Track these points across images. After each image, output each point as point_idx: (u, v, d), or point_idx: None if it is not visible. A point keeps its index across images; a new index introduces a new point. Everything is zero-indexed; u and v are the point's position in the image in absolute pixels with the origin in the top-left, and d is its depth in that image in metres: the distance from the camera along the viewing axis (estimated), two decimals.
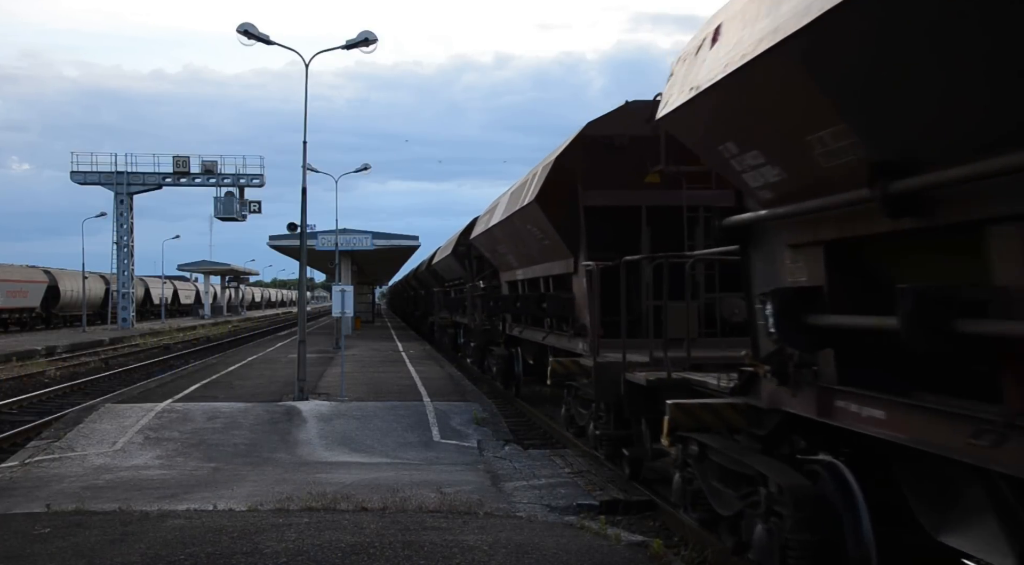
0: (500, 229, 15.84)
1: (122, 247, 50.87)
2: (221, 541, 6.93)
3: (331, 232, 35.21)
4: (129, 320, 51.32)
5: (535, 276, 14.94)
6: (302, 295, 20.46)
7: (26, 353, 31.31)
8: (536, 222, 12.94)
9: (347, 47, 17.45)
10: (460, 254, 23.94)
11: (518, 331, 16.99)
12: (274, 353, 29.18)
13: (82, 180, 50.23)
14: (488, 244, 18.31)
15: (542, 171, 12.65)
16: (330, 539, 6.96)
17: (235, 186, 51.48)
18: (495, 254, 18.24)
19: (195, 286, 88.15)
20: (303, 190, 17.73)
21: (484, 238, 18.29)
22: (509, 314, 17.77)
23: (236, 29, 16.45)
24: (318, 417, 14.16)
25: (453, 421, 13.99)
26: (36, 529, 7.35)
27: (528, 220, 13.33)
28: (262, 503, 8.36)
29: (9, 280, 45.97)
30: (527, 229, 13.69)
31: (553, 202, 12.08)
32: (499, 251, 17.51)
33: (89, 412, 14.60)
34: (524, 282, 16.13)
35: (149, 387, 19.01)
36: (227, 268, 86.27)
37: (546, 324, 14.26)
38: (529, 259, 14.95)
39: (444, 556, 6.53)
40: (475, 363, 23.73)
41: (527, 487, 9.58)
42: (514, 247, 15.74)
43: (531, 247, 14.30)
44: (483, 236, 18.31)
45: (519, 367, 18.30)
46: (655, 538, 7.40)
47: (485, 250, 19.20)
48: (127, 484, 9.60)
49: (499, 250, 17.45)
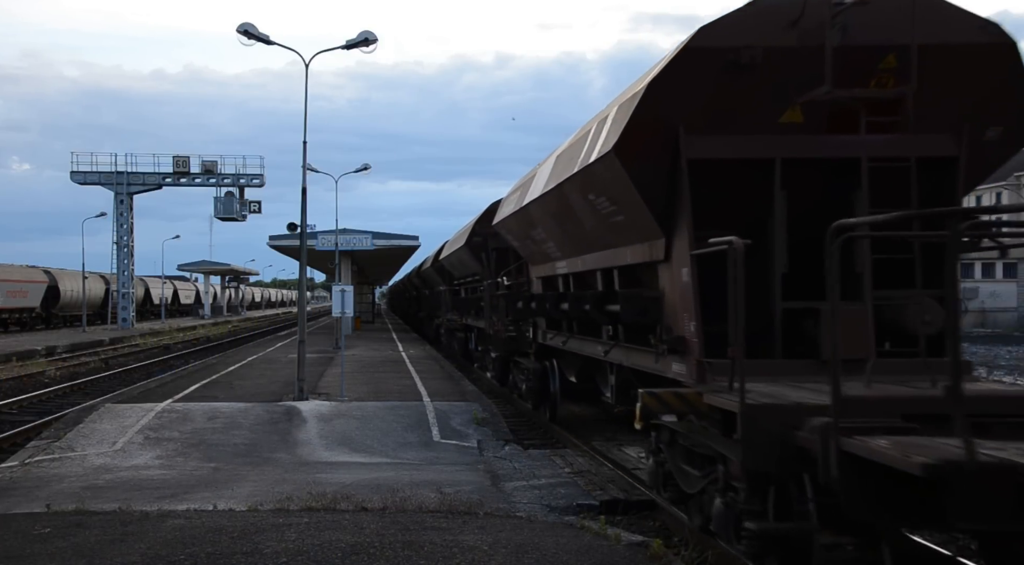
0: (539, 207, 12.28)
1: (122, 247, 50.87)
2: (221, 541, 6.93)
3: (331, 232, 35.21)
4: (129, 320, 51.32)
5: (589, 268, 11.45)
6: (302, 295, 20.46)
7: (26, 353, 31.30)
8: (607, 187, 9.01)
9: (347, 47, 17.45)
10: (475, 246, 20.63)
11: (559, 341, 13.45)
12: (274, 353, 29.18)
13: (82, 180, 50.24)
14: (518, 230, 14.77)
15: (622, 110, 8.38)
16: (330, 539, 6.96)
17: (235, 186, 51.48)
18: (527, 242, 14.75)
19: (195, 286, 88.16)
20: (303, 190, 17.73)
21: (513, 222, 14.71)
22: (543, 318, 14.51)
23: (236, 29, 16.45)
24: (318, 417, 14.16)
25: (453, 421, 13.99)
26: (36, 529, 7.35)
27: (592, 186, 9.45)
28: (262, 503, 8.36)
29: (9, 280, 45.97)
30: (587, 201, 9.86)
31: (639, 154, 8.04)
32: (533, 238, 14.00)
33: (89, 412, 14.59)
34: (569, 277, 12.81)
35: (149, 387, 19.00)
36: (227, 268, 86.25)
37: (605, 333, 10.87)
38: (582, 245, 11.49)
39: (444, 556, 6.53)
40: (496, 377, 20.56)
41: (527, 487, 9.58)
42: (558, 230, 12.20)
43: (589, 227, 10.54)
44: (511, 220, 14.73)
45: (555, 385, 14.79)
46: (655, 538, 7.39)
47: (513, 238, 15.64)
48: (127, 484, 9.60)
49: (534, 236, 13.89)
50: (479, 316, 21.97)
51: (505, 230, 15.79)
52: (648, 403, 7.52)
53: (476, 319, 22.94)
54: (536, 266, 15.11)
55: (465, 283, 25.77)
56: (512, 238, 15.67)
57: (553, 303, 12.58)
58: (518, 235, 15.08)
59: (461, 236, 23.32)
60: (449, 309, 30.37)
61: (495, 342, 18.88)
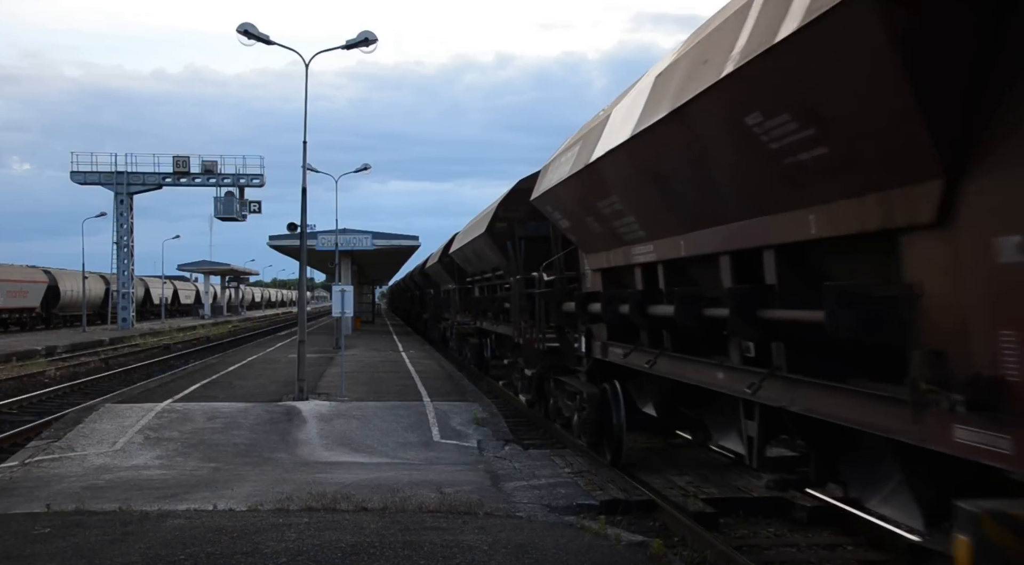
0: (620, 161, 8.02)
1: (122, 247, 50.89)
2: (221, 541, 6.93)
3: (331, 232, 35.24)
4: (129, 320, 51.33)
5: (702, 252, 7.29)
6: (302, 295, 20.46)
7: (26, 353, 31.31)
8: (815, 86, 4.79)
9: (347, 47, 17.47)
10: (499, 234, 16.80)
11: (640, 360, 9.19)
12: (274, 353, 29.18)
13: (82, 180, 50.27)
14: (574, 203, 10.29)
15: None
16: (330, 539, 6.96)
17: (235, 186, 51.53)
18: (585, 220, 10.19)
19: (195, 286, 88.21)
20: (303, 190, 17.74)
21: (567, 193, 10.27)
22: (603, 326, 10.46)
23: (236, 29, 16.46)
24: (318, 417, 14.16)
25: (453, 421, 13.99)
26: (36, 529, 7.35)
27: (765, 95, 5.25)
28: (262, 503, 8.36)
29: (9, 280, 45.98)
30: (739, 130, 5.63)
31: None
32: (599, 212, 9.45)
33: (89, 412, 14.60)
34: (656, 267, 8.61)
35: (149, 387, 19.01)
36: (227, 268, 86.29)
37: (737, 353, 6.93)
38: (696, 215, 7.21)
39: (444, 556, 6.53)
40: (532, 401, 15.77)
41: (527, 487, 9.58)
42: (650, 194, 7.85)
43: (725, 180, 6.38)
44: (564, 191, 10.30)
45: (620, 416, 10.58)
46: (655, 538, 7.40)
47: (562, 216, 11.16)
48: (127, 484, 9.60)
49: (600, 210, 9.37)
50: (499, 320, 18.84)
51: (552, 206, 11.28)
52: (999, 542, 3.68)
53: (495, 323, 19.50)
54: (593, 255, 10.72)
55: (482, 281, 21.63)
56: (561, 216, 11.23)
57: (636, 305, 8.68)
58: (572, 211, 10.52)
59: (480, 223, 19.05)
60: (459, 310, 27.23)
61: (528, 355, 14.76)
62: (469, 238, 20.48)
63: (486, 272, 20.53)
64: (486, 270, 20.41)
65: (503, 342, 19.20)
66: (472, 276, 23.33)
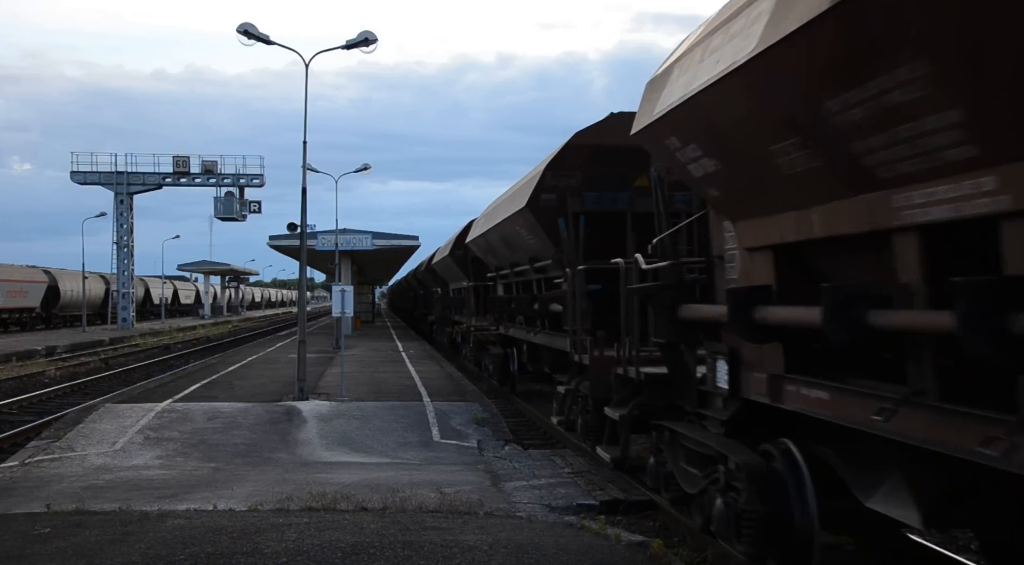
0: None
1: (122, 247, 50.90)
2: (221, 541, 6.92)
3: (331, 232, 35.24)
4: (129, 320, 51.34)
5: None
6: (302, 295, 20.46)
7: (26, 353, 31.31)
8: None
9: (347, 47, 17.46)
10: (545, 209, 12.46)
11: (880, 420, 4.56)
12: (274, 353, 29.18)
13: (82, 180, 50.28)
14: (731, 127, 5.64)
15: None
16: (330, 539, 6.96)
17: (235, 186, 51.56)
18: (763, 151, 5.33)
19: (195, 286, 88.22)
20: (303, 190, 17.73)
21: (718, 105, 5.65)
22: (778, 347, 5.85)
23: (236, 29, 16.45)
24: (318, 417, 14.16)
25: (453, 421, 13.99)
26: (36, 529, 7.35)
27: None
28: (262, 503, 8.36)
29: (9, 280, 45.98)
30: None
31: None
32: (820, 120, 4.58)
33: (89, 412, 14.60)
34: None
35: (149, 387, 19.01)
36: (227, 268, 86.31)
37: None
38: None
39: (444, 556, 6.52)
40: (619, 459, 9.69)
41: (527, 487, 9.57)
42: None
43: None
44: (712, 102, 5.68)
45: (808, 509, 5.73)
46: (655, 538, 7.39)
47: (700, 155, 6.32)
48: (127, 484, 9.60)
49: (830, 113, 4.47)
50: (536, 325, 15.06)
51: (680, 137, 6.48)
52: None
53: (529, 330, 15.62)
54: (758, 221, 6.06)
55: (511, 275, 16.82)
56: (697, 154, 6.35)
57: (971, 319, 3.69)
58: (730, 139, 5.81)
59: (516, 197, 14.29)
60: (475, 313, 23.56)
61: (598, 382, 10.21)
62: (497, 219, 15.80)
63: (519, 264, 15.86)
64: (519, 261, 15.80)
65: (537, 354, 15.63)
66: (497, 270, 18.72)
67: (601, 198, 11.65)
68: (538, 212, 12.59)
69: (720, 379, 6.82)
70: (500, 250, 17.04)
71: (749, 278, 6.38)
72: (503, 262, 17.46)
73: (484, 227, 17.85)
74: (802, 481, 5.81)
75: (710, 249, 7.40)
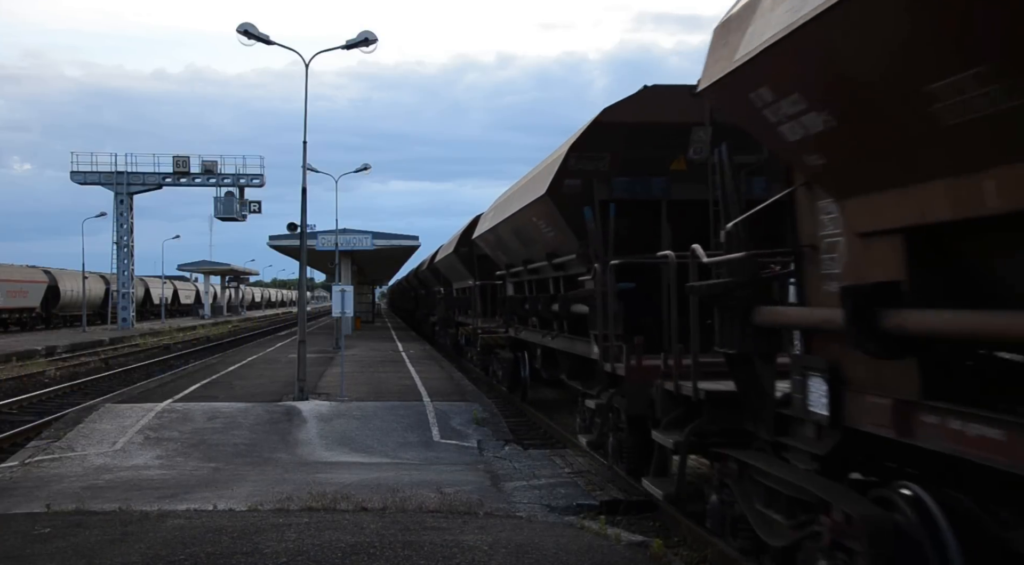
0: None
1: (122, 247, 50.90)
2: (221, 541, 6.92)
3: (331, 232, 35.24)
4: (129, 320, 51.33)
5: None
6: (302, 295, 20.46)
7: (26, 353, 31.31)
8: None
9: (347, 47, 17.47)
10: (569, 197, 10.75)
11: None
12: (274, 353, 29.18)
13: (82, 180, 50.27)
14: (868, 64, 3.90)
15: None
16: (330, 539, 6.96)
17: (235, 186, 51.56)
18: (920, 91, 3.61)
19: (195, 286, 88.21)
20: (303, 190, 17.74)
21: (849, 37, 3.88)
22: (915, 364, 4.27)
23: (236, 29, 16.45)
24: (318, 417, 14.16)
25: (453, 421, 13.99)
26: (36, 529, 7.35)
27: None
28: (262, 503, 8.36)
29: (9, 280, 45.98)
30: None
31: None
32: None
33: (89, 412, 14.60)
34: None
35: (149, 387, 19.01)
36: (227, 268, 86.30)
37: None
38: None
39: (444, 556, 6.52)
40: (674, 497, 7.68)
41: (527, 487, 9.57)
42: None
43: None
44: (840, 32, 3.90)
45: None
46: (655, 538, 7.39)
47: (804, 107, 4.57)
48: (127, 484, 9.60)
49: None
50: (552, 328, 13.44)
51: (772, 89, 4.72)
52: None
53: (544, 334, 14.07)
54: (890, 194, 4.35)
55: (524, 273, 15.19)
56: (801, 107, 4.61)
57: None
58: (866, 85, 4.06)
59: (534, 184, 12.33)
60: (481, 314, 22.37)
61: (634, 397, 8.52)
62: (509, 211, 14.11)
63: (533, 260, 14.09)
64: (533, 257, 14.01)
65: (553, 360, 14.26)
66: (507, 268, 17.03)
67: (633, 184, 10.18)
68: (560, 200, 10.82)
69: (815, 402, 5.22)
70: (512, 246, 15.33)
71: (859, 273, 4.80)
72: (515, 259, 15.78)
73: (493, 221, 16.25)
74: (944, 544, 4.22)
75: (797, 238, 5.73)
